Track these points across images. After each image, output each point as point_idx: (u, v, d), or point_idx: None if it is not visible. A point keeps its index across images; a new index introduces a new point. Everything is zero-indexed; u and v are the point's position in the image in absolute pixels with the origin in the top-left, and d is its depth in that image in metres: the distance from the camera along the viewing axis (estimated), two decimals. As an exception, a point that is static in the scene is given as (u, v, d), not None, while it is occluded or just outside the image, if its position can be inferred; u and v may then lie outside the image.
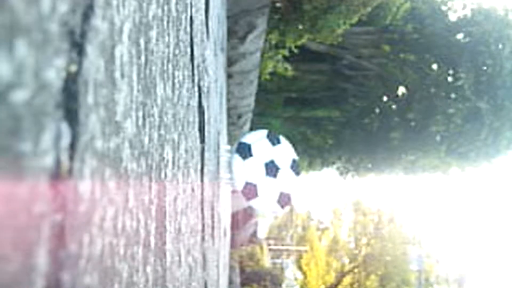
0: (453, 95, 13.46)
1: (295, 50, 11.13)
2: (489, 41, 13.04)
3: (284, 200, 3.40)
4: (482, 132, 13.16)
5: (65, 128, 0.29)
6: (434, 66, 13.87)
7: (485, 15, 13.56)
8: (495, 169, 16.39)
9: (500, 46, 13.04)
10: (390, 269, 19.69)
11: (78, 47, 0.31)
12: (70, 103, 0.30)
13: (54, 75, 0.27)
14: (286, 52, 10.97)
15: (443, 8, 14.15)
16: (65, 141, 0.29)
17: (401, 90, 14.66)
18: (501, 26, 13.21)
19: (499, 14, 13.56)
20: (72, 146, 0.30)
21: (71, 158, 0.30)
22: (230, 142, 7.69)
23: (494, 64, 12.92)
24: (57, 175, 0.27)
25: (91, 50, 0.34)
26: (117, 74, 0.41)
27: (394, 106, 14.85)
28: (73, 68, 0.30)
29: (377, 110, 15.20)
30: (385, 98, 15.01)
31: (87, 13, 0.33)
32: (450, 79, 13.67)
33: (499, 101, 12.94)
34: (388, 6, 13.00)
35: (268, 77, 11.30)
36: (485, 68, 13.00)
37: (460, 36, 13.74)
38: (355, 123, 15.39)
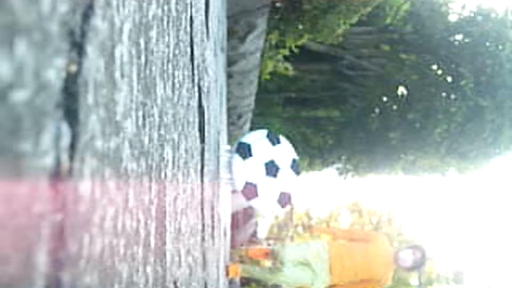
0: (453, 95, 13.47)
1: (295, 50, 11.14)
2: (489, 41, 13.05)
3: (284, 199, 3.40)
4: (484, 131, 13.17)
5: (65, 128, 0.29)
6: (434, 67, 13.88)
7: (484, 16, 13.57)
8: (494, 170, 16.40)
9: (500, 46, 13.05)
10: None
11: (78, 47, 0.31)
12: (70, 103, 0.30)
13: (54, 75, 0.27)
14: (286, 52, 10.98)
15: (443, 8, 14.16)
16: (65, 141, 0.29)
17: (401, 90, 14.67)
18: (500, 27, 13.23)
19: (498, 15, 13.58)
20: (72, 146, 0.30)
21: (71, 158, 0.30)
22: (230, 142, 7.69)
23: (494, 64, 12.93)
24: (57, 175, 0.27)
25: (91, 50, 0.34)
26: (117, 74, 0.41)
27: (394, 106, 14.86)
28: (73, 68, 0.30)
29: (377, 110, 15.20)
30: (385, 98, 15.01)
31: (87, 13, 0.33)
32: (450, 79, 13.68)
33: (499, 100, 12.96)
34: (388, 7, 13.01)
35: (268, 77, 11.30)
36: (485, 68, 13.01)
37: (459, 36, 13.75)
38: (355, 123, 15.39)
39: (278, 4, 9.47)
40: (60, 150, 0.28)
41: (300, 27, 10.06)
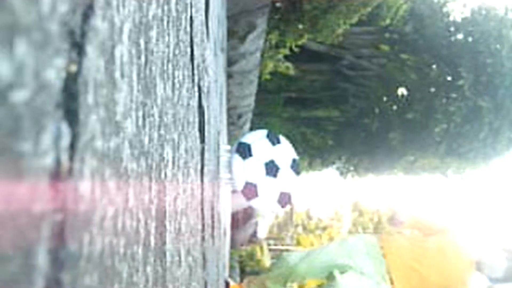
0: (453, 95, 13.48)
1: (295, 50, 11.15)
2: (489, 40, 13.05)
3: (284, 199, 3.40)
4: (482, 132, 13.18)
5: (65, 128, 0.29)
6: (434, 66, 13.89)
7: (484, 15, 13.57)
8: (493, 170, 16.42)
9: (500, 45, 13.05)
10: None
11: (78, 47, 0.31)
12: (70, 103, 0.30)
13: (54, 75, 0.27)
14: (286, 51, 10.99)
15: (443, 8, 14.17)
16: (65, 141, 0.29)
17: (401, 90, 14.68)
18: (500, 26, 13.23)
19: (498, 14, 13.58)
20: (72, 146, 0.30)
21: (71, 158, 0.30)
22: (230, 142, 7.69)
23: (494, 63, 12.93)
24: (57, 175, 0.27)
25: (91, 50, 0.34)
26: (117, 74, 0.41)
27: (394, 107, 14.87)
28: (73, 68, 0.30)
29: (377, 110, 15.21)
30: (385, 98, 15.02)
31: (87, 13, 0.33)
32: (450, 79, 13.69)
33: (499, 100, 12.96)
34: (387, 6, 13.01)
35: (268, 77, 11.31)
36: (485, 67, 13.01)
37: (460, 36, 13.76)
38: (355, 123, 15.40)
39: (278, 4, 9.47)
40: (60, 150, 0.28)
41: (300, 27, 10.07)
